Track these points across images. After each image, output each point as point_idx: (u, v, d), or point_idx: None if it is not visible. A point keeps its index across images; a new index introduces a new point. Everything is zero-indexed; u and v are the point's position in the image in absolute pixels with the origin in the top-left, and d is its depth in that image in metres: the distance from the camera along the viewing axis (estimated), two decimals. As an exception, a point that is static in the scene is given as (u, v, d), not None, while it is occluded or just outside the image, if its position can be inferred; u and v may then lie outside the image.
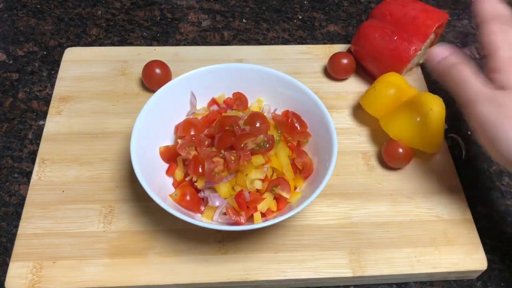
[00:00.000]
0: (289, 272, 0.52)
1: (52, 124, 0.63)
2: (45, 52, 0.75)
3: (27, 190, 0.57)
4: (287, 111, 0.60)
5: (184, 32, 0.79)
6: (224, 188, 0.52)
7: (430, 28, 0.63)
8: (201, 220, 0.51)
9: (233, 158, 0.51)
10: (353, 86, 0.70)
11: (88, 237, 0.54)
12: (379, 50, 0.65)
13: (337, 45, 0.75)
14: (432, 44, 0.70)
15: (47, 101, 0.68)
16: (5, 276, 0.51)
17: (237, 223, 0.51)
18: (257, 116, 0.56)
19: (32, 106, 0.68)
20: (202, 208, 0.53)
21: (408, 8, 0.66)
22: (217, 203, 0.52)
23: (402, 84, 0.62)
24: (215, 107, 0.61)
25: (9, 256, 0.53)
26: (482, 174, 0.64)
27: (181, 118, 0.60)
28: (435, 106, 0.58)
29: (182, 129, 0.57)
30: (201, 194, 0.54)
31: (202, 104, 0.62)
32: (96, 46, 0.75)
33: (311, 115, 0.58)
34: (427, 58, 0.49)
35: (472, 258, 0.54)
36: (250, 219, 0.53)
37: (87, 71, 0.69)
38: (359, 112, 0.66)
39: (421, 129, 0.58)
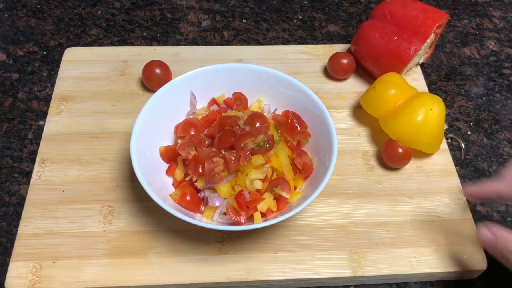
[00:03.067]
0: (289, 272, 0.52)
1: (52, 124, 0.63)
2: (45, 52, 0.75)
3: (27, 190, 0.57)
4: (287, 111, 0.60)
5: (184, 32, 0.79)
6: (224, 188, 0.52)
7: (430, 28, 0.63)
8: (201, 220, 0.51)
9: (233, 158, 0.51)
10: (353, 86, 0.70)
11: (88, 237, 0.54)
12: (379, 50, 0.65)
13: (337, 45, 0.75)
14: (432, 44, 0.70)
15: (47, 101, 0.68)
16: (5, 276, 0.51)
17: (237, 223, 0.51)
18: (257, 116, 0.56)
19: (32, 106, 0.68)
20: (202, 208, 0.53)
21: (408, 8, 0.66)
22: (217, 203, 0.52)
23: (402, 84, 0.62)
24: (215, 107, 0.61)
25: (9, 256, 0.53)
26: (482, 174, 0.64)
27: (181, 118, 0.60)
28: (435, 106, 0.59)
29: (182, 129, 0.57)
30: (201, 194, 0.54)
31: (202, 104, 0.62)
32: (96, 46, 0.75)
33: (311, 115, 0.58)
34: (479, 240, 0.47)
35: (472, 258, 0.54)
36: (250, 219, 0.53)
37: (87, 71, 0.69)
38: (359, 112, 0.66)
39: (421, 129, 0.58)
